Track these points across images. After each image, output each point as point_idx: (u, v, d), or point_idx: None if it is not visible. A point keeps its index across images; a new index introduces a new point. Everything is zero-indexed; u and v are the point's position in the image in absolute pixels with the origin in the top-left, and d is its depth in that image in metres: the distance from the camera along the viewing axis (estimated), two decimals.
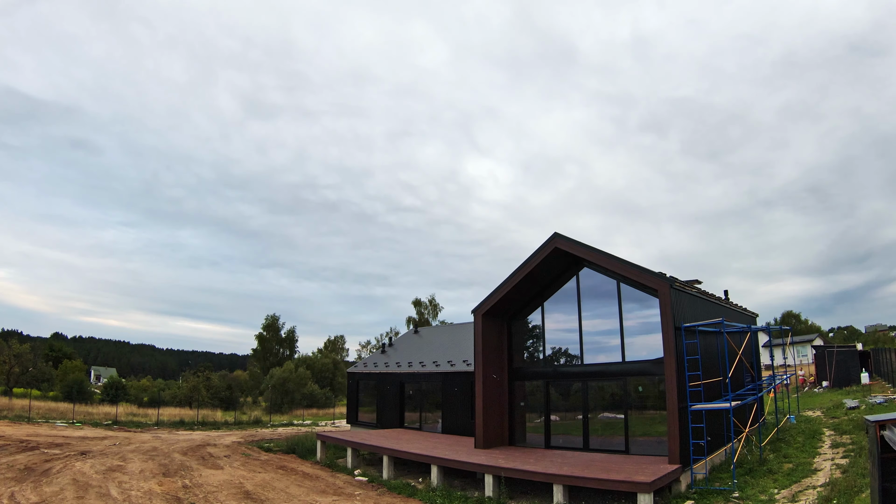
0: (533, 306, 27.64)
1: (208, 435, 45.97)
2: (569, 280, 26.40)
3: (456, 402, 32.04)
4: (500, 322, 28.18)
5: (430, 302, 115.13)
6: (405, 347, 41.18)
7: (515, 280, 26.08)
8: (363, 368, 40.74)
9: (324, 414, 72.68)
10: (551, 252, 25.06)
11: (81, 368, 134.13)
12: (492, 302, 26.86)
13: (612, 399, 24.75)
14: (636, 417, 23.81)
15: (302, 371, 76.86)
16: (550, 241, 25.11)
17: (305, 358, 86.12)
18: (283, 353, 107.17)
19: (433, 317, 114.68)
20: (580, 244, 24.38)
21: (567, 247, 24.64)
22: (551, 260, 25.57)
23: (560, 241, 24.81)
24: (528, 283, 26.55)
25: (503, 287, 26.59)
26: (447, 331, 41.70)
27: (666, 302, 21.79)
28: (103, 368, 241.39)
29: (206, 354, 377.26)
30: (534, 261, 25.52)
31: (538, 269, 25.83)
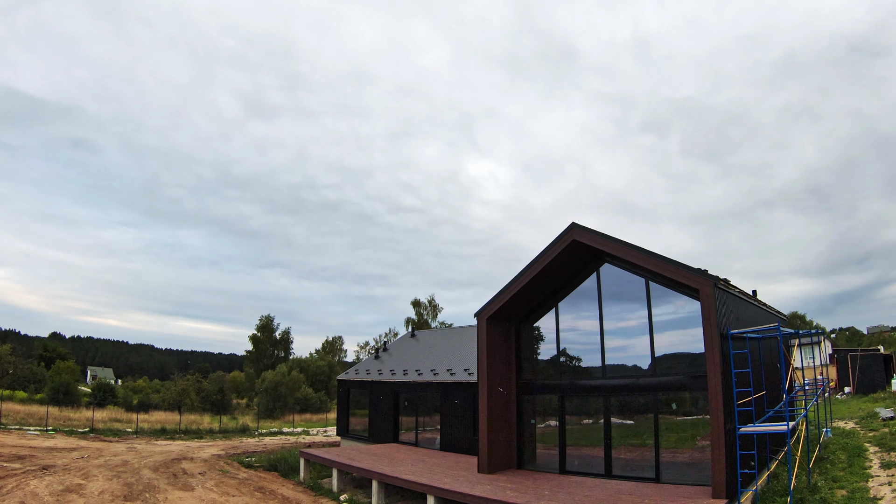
0: (545, 309, 23.74)
1: (188, 446, 42.11)
2: (587, 278, 22.54)
3: (456, 416, 28.22)
4: (507, 327, 24.31)
5: (429, 303, 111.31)
6: (401, 353, 37.35)
7: (526, 278, 22.22)
8: (355, 376, 36.92)
9: (317, 420, 68.85)
10: (569, 245, 21.21)
11: (74, 370, 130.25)
12: (498, 304, 22.99)
13: (640, 417, 20.90)
14: (668, 438, 19.98)
15: (295, 375, 73.02)
16: (568, 232, 21.26)
17: (299, 360, 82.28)
18: (278, 355, 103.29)
19: (432, 318, 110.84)
20: (603, 235, 20.54)
21: (587, 238, 20.80)
22: (568, 254, 21.70)
23: (579, 232, 20.98)
24: (541, 282, 22.66)
25: (511, 287, 22.74)
26: (447, 335, 37.90)
27: (709, 304, 17.97)
28: (100, 369, 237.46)
29: (205, 354, 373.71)
30: (548, 255, 21.65)
31: (553, 266, 21.95)
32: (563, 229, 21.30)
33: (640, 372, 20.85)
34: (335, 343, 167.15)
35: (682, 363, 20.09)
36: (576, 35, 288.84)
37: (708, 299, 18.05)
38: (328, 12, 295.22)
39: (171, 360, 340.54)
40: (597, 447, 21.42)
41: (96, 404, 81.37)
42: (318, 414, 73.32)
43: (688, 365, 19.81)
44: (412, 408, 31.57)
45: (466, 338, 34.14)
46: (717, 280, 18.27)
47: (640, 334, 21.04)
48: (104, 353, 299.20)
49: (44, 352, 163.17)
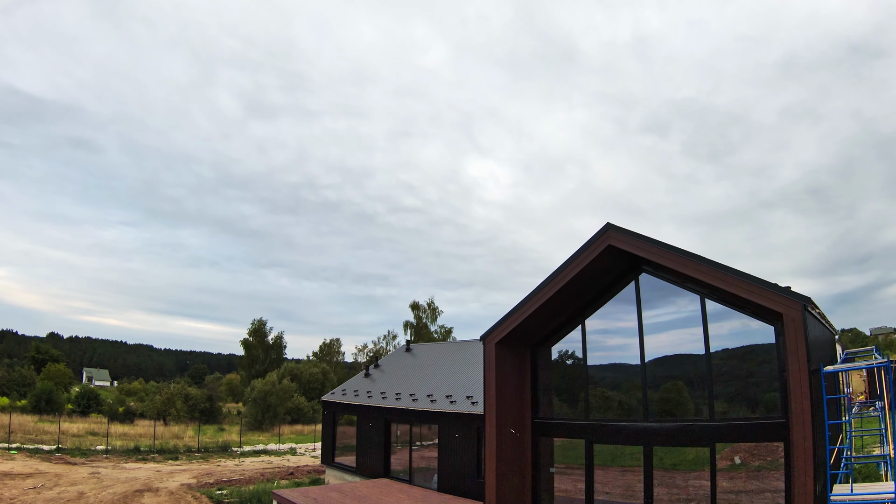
0: (569, 329, 18.96)
1: (158, 471, 37.38)
2: (620, 290, 17.81)
3: (457, 453, 23.46)
4: (520, 353, 19.51)
5: (428, 305, 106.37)
6: (394, 371, 32.58)
7: (546, 294, 17.43)
8: (341, 397, 32.10)
9: (308, 432, 64.08)
10: (603, 251, 16.47)
11: (65, 373, 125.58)
12: (510, 325, 18.18)
13: (691, 475, 16.15)
14: (728, 501, 15.28)
15: (286, 384, 68.19)
16: (602, 235, 16.47)
17: (292, 367, 77.50)
18: (272, 358, 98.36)
19: (432, 321, 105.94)
20: (647, 240, 15.76)
21: (626, 243, 16.03)
22: (600, 263, 16.96)
23: (615, 235, 16.20)
24: (565, 298, 17.88)
25: (528, 304, 17.95)
26: (447, 351, 33.11)
27: (796, 334, 13.31)
28: (95, 370, 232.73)
29: (204, 355, 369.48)
30: (576, 265, 16.86)
31: (581, 278, 17.16)
32: (596, 232, 16.52)
33: (693, 414, 16.13)
34: (332, 346, 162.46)
35: (748, 406, 15.38)
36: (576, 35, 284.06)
37: (795, 327, 13.37)
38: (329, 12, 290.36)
39: (170, 361, 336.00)
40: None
41: (80, 412, 76.71)
42: (311, 425, 68.52)
43: (760, 409, 15.11)
44: (406, 438, 26.86)
45: (469, 355, 29.41)
46: (807, 302, 13.56)
47: (693, 366, 16.32)
48: (102, 354, 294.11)
49: (36, 353, 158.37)
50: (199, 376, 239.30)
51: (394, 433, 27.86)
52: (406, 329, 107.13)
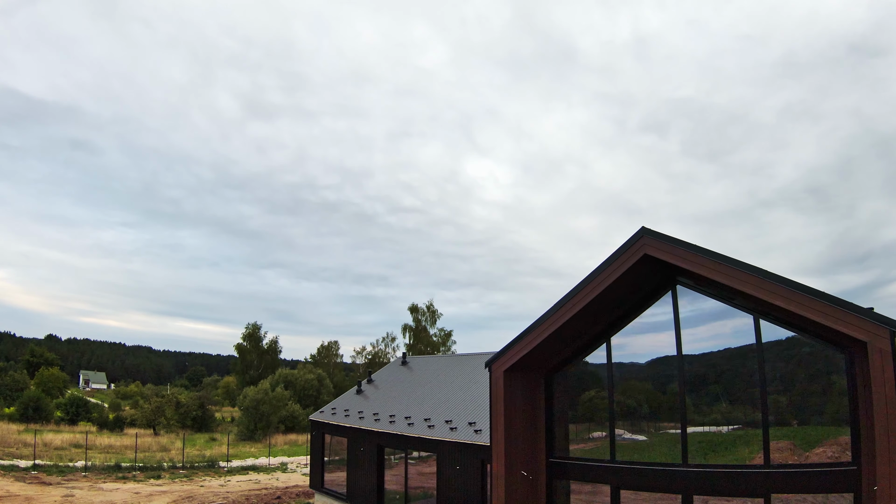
0: (590, 351, 16.08)
1: (137, 493, 34.47)
2: (652, 305, 14.95)
3: (457, 487, 20.58)
4: (533, 380, 16.57)
5: (427, 308, 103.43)
6: (389, 388, 29.68)
7: (565, 315, 14.52)
8: (331, 417, 29.17)
9: (303, 442, 61.12)
10: (636, 262, 13.61)
11: (58, 378, 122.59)
12: (522, 351, 15.25)
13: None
14: None
15: (279, 392, 65.25)
16: (634, 244, 13.57)
17: (286, 374, 74.62)
18: (266, 363, 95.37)
19: (431, 324, 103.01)
20: (689, 247, 12.87)
21: (664, 252, 13.16)
22: (630, 277, 14.10)
23: (651, 242, 13.32)
24: (587, 318, 15.02)
25: (542, 327, 15.01)
26: (446, 365, 30.15)
27: (883, 363, 10.52)
28: (93, 373, 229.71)
29: (203, 356, 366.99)
30: (602, 282, 13.94)
31: (608, 294, 14.30)
32: (629, 239, 13.64)
33: (745, 459, 13.29)
34: (331, 348, 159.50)
35: (819, 450, 12.56)
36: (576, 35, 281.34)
37: (882, 358, 10.56)
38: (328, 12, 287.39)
39: (169, 362, 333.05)
40: None
41: (69, 421, 73.78)
42: (305, 434, 65.60)
43: (832, 451, 12.29)
44: (401, 465, 23.99)
45: (470, 371, 26.56)
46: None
47: (743, 398, 13.49)
48: (100, 356, 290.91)
49: (31, 357, 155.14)
50: (196, 379, 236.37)
51: (389, 465, 25.00)
52: (405, 332, 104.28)
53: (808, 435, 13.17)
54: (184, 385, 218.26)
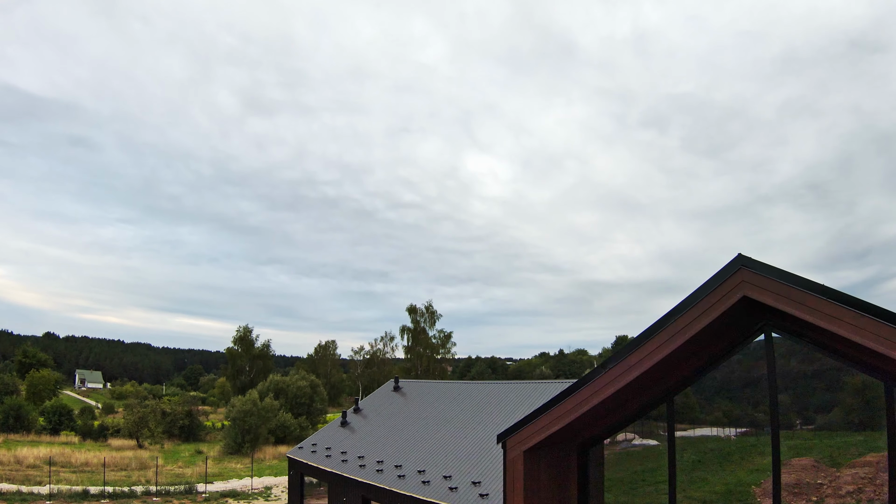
0: (644, 414, 11.73)
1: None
2: (733, 354, 10.61)
3: None
4: (563, 456, 12.23)
5: (426, 309, 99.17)
6: (378, 422, 25.36)
7: (615, 384, 10.20)
8: (310, 456, 24.85)
9: None
10: (731, 307, 9.24)
11: (48, 380, 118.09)
12: (551, 428, 10.86)
13: None
14: None
15: (269, 402, 60.90)
16: (731, 275, 9.20)
17: (278, 381, 70.36)
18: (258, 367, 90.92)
19: (430, 325, 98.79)
20: (797, 283, 8.61)
21: (767, 292, 8.86)
22: (717, 323, 9.72)
23: (752, 280, 8.98)
24: (645, 381, 10.66)
25: (578, 398, 10.68)
26: (444, 394, 25.69)
27: None
28: (89, 372, 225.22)
29: (202, 353, 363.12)
30: (676, 336, 9.59)
31: (686, 348, 9.94)
32: (719, 274, 9.31)
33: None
34: (328, 347, 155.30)
35: None
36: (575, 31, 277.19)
37: None
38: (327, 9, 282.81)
39: (168, 360, 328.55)
40: None
41: (51, 430, 69.46)
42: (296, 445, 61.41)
43: None
44: None
45: (473, 403, 22.33)
46: None
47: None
48: (98, 353, 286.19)
49: (23, 358, 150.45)
50: (193, 378, 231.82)
51: None
52: (403, 334, 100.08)
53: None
54: (180, 384, 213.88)
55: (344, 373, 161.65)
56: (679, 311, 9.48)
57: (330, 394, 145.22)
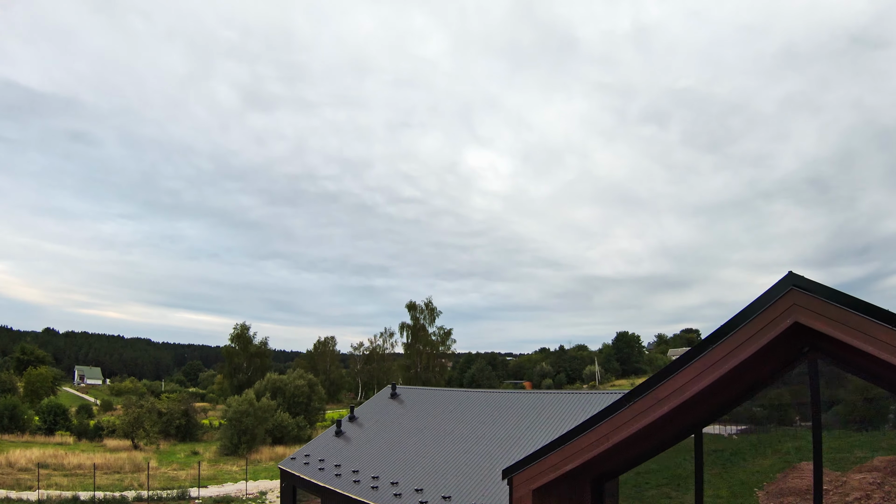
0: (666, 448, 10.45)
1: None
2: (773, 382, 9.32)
3: None
4: (574, 491, 10.94)
5: (426, 305, 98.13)
6: (374, 432, 24.08)
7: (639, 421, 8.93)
8: (303, 468, 23.58)
9: None
10: (780, 335, 7.94)
11: (46, 377, 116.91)
12: (565, 466, 9.63)
13: None
14: None
15: (265, 402, 59.71)
16: (778, 304, 7.89)
17: (275, 380, 69.12)
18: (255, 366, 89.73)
19: (430, 322, 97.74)
20: (865, 311, 7.33)
21: (821, 320, 7.56)
22: (763, 352, 8.41)
23: (805, 304, 7.67)
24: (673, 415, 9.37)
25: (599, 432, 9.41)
26: (444, 402, 24.40)
27: None
28: (88, 368, 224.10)
29: (202, 348, 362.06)
30: (715, 367, 8.32)
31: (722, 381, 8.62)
32: (764, 295, 8.00)
33: None
34: (327, 344, 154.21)
35: None
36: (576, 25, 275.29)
37: None
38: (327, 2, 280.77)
39: (168, 355, 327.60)
40: None
41: (46, 430, 68.27)
42: (294, 446, 60.19)
43: None
44: None
45: (477, 416, 21.09)
46: None
47: None
48: (98, 349, 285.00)
49: (21, 355, 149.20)
50: (193, 374, 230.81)
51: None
52: (403, 331, 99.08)
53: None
54: (180, 381, 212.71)
55: (344, 368, 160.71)
56: (718, 339, 8.19)
57: (329, 390, 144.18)
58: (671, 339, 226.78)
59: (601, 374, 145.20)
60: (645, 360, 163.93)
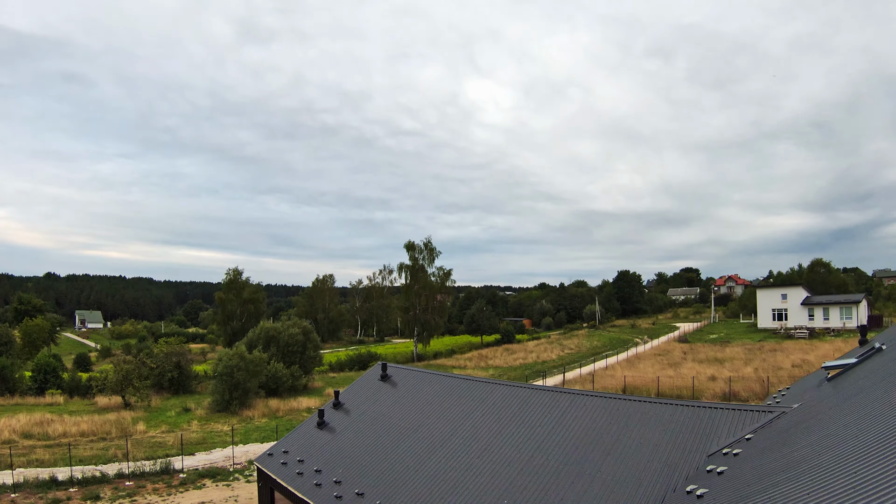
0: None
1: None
2: None
3: None
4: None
5: (425, 245, 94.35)
6: (361, 424, 20.67)
7: None
8: (280, 469, 20.31)
9: (286, 410, 53.28)
10: None
11: (43, 328, 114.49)
12: None
13: None
14: None
15: (257, 354, 56.80)
16: None
17: (268, 328, 66.12)
18: (249, 312, 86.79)
19: (429, 262, 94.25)
20: None
21: None
22: None
23: None
24: None
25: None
26: (442, 389, 20.81)
27: None
28: (88, 312, 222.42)
29: (204, 285, 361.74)
30: None
31: None
32: None
33: None
34: (326, 282, 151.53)
35: None
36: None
37: None
38: None
39: (170, 293, 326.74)
40: None
41: (36, 390, 65.71)
42: (289, 399, 57.74)
43: None
44: None
45: (482, 410, 17.67)
46: None
47: None
48: (99, 291, 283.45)
49: (18, 305, 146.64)
50: (194, 313, 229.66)
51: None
52: (401, 272, 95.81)
53: None
54: (180, 321, 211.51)
55: (343, 304, 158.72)
56: None
57: (329, 328, 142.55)
58: (671, 277, 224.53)
59: (601, 313, 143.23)
60: (645, 300, 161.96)
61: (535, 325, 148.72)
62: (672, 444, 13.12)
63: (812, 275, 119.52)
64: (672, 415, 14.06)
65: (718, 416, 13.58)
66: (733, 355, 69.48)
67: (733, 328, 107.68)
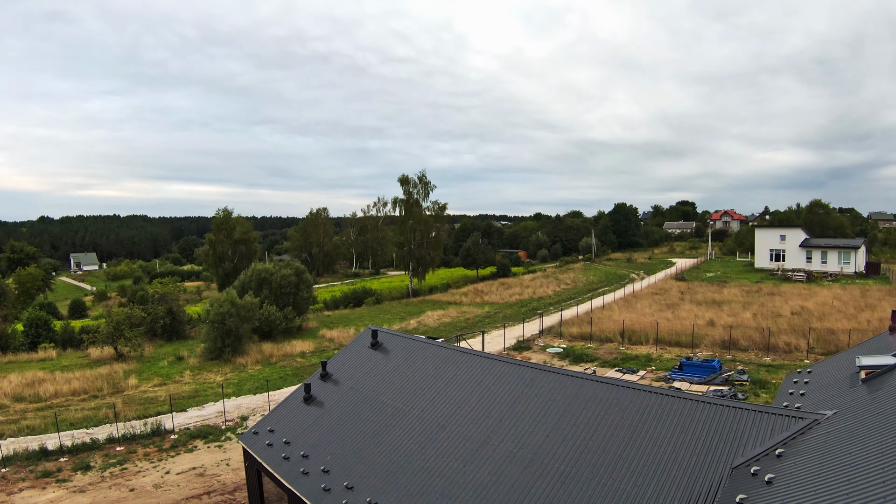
0: None
1: None
2: None
3: None
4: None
5: (419, 179, 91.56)
6: (350, 399, 18.90)
7: None
8: (265, 451, 18.70)
9: (279, 357, 52.14)
10: None
11: (37, 276, 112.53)
12: None
13: None
14: None
15: (248, 298, 55.18)
16: None
17: (260, 270, 64.24)
18: (241, 252, 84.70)
19: (424, 197, 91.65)
20: None
21: None
22: None
23: None
24: None
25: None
26: (440, 362, 18.95)
27: None
28: (83, 255, 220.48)
29: (199, 220, 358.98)
30: None
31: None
32: None
33: None
34: (320, 214, 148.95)
35: None
36: None
37: None
38: None
39: (165, 230, 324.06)
40: None
41: (29, 345, 64.14)
42: (284, 342, 56.58)
43: None
44: None
45: (481, 391, 15.93)
46: None
47: None
48: (94, 232, 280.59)
49: (11, 253, 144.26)
50: (189, 249, 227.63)
51: None
52: (396, 206, 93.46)
53: None
54: (175, 259, 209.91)
55: (337, 235, 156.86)
56: None
57: (324, 262, 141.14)
58: (667, 210, 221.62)
59: (597, 246, 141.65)
60: (641, 233, 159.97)
61: (531, 258, 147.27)
62: (692, 449, 11.61)
63: (811, 216, 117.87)
64: (692, 412, 12.41)
65: (742, 419, 12.01)
66: (731, 297, 68.90)
67: (730, 266, 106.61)
